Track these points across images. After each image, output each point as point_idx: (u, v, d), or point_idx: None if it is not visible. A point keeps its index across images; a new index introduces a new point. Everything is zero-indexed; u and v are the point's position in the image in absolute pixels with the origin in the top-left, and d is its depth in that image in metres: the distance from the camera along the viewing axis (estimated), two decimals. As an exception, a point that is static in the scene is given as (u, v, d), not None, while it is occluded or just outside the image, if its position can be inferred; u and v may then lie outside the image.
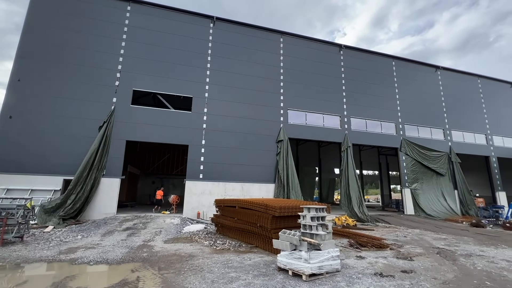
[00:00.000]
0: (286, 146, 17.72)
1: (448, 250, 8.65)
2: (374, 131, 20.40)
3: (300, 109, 18.80)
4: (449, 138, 22.22)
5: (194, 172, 15.66)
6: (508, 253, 8.24)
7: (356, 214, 16.72)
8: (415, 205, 19.66)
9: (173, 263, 6.43)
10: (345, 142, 19.11)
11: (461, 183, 21.24)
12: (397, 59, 22.37)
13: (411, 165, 20.51)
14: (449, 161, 21.64)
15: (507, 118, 24.93)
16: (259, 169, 17.06)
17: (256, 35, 18.90)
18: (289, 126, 18.19)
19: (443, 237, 11.22)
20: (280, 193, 16.85)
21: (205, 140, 16.17)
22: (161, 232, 10.67)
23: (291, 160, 17.62)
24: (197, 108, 16.44)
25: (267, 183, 17.04)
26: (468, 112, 23.61)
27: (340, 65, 20.52)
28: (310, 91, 19.27)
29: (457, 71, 24.27)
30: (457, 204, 20.83)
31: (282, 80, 18.71)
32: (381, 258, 7.40)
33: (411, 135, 21.23)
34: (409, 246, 9.13)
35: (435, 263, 6.98)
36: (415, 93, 22.22)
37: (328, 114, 19.44)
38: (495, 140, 23.79)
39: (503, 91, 25.79)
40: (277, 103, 18.27)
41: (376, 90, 21.06)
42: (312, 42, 20.31)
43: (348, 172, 18.34)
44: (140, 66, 15.93)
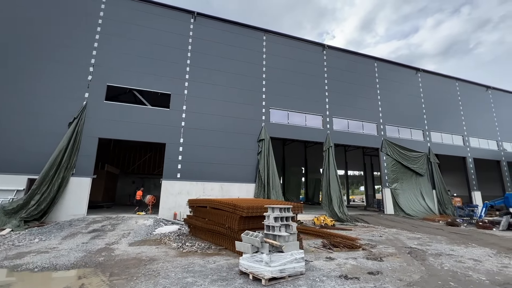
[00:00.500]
0: (267, 145, 17.46)
1: (419, 249, 8.59)
2: (356, 132, 20.48)
3: (283, 108, 18.59)
4: (428, 139, 22.64)
5: (171, 171, 15.12)
6: (477, 252, 8.26)
7: (336, 214, 16.66)
8: (395, 204, 19.87)
9: (129, 268, 5.97)
10: (327, 142, 19.07)
11: (439, 183, 21.66)
12: (379, 61, 22.59)
13: (391, 165, 20.72)
14: (428, 161, 22.04)
15: (482, 120, 25.70)
16: (240, 168, 16.71)
17: (239, 32, 18.55)
18: (271, 125, 17.94)
19: (418, 237, 11.24)
20: (260, 193, 16.56)
21: (183, 138, 15.66)
22: (130, 234, 10.12)
23: (272, 160, 17.36)
24: (175, 105, 15.90)
25: (248, 183, 16.71)
26: (446, 114, 24.16)
27: (323, 65, 20.48)
28: (292, 90, 19.10)
29: (436, 73, 24.80)
30: (435, 203, 21.22)
31: (265, 79, 18.45)
32: (351, 259, 7.22)
33: (392, 136, 21.48)
34: (382, 246, 9.03)
35: (404, 263, 6.86)
36: (396, 95, 22.50)
37: (310, 113, 19.33)
38: (471, 141, 24.47)
39: (479, 94, 26.60)
40: (259, 101, 17.98)
41: (358, 90, 21.16)
42: (295, 41, 20.17)
43: (330, 172, 18.28)
44: (115, 60, 15.23)
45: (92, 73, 14.62)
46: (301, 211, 8.38)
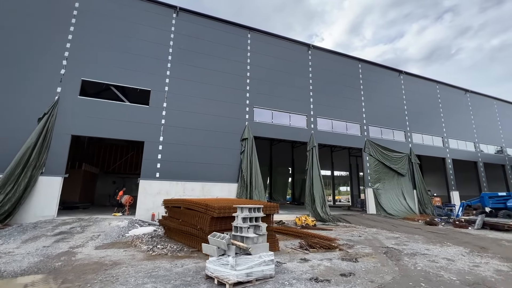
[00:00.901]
0: (250, 144, 17.17)
1: (396, 249, 8.54)
2: (340, 132, 20.54)
3: (267, 107, 18.36)
4: (409, 140, 23.05)
5: (149, 170, 14.57)
6: (451, 251, 8.29)
7: (319, 214, 16.58)
8: (377, 204, 20.06)
9: (86, 274, 5.51)
10: (311, 141, 19.00)
11: (419, 183, 22.08)
12: (363, 62, 22.80)
13: (374, 166, 20.92)
14: (409, 162, 22.42)
15: (461, 123, 26.49)
16: (222, 168, 16.33)
17: (223, 29, 18.17)
18: (254, 124, 17.67)
19: (396, 236, 11.26)
20: (243, 193, 16.25)
21: (163, 136, 15.13)
22: (99, 236, 9.56)
23: (255, 159, 17.08)
24: (155, 102, 15.35)
25: (230, 182, 16.35)
26: (427, 116, 24.71)
27: (308, 65, 20.42)
28: (277, 89, 18.92)
29: (418, 76, 25.34)
30: (415, 203, 21.60)
31: (249, 77, 18.16)
32: (326, 260, 7.03)
33: (375, 136, 21.70)
34: (360, 246, 8.93)
35: (378, 264, 6.73)
36: (379, 96, 22.78)
37: (295, 113, 19.21)
38: (451, 143, 25.14)
39: (458, 97, 27.41)
40: (242, 100, 17.67)
41: (342, 91, 21.25)
42: (280, 40, 20.01)
43: (313, 172, 18.21)
44: (91, 54, 14.51)
45: (65, 66, 13.85)
46: (276, 211, 8.13)
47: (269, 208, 7.74)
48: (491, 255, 7.86)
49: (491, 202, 17.80)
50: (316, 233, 10.13)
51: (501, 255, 7.76)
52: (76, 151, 22.72)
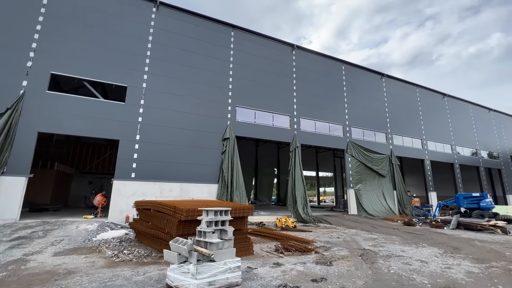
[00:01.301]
0: (232, 144, 16.78)
1: (372, 251, 8.42)
2: (323, 133, 20.54)
3: (249, 106, 18.03)
4: (390, 141, 23.44)
5: (124, 170, 13.85)
6: (425, 252, 8.27)
7: (300, 215, 16.42)
8: (358, 205, 20.20)
9: (32, 285, 4.93)
10: (294, 142, 18.85)
11: (399, 184, 22.47)
12: (347, 64, 22.97)
13: (356, 167, 21.08)
14: (390, 163, 22.79)
15: (439, 125, 27.31)
16: (202, 168, 15.83)
17: (205, 26, 17.69)
18: (236, 124, 17.29)
19: (374, 237, 11.23)
20: (223, 194, 15.82)
21: (140, 135, 14.45)
22: (62, 241, 8.85)
23: (237, 160, 16.70)
24: (132, 99, 14.64)
25: (210, 183, 15.88)
26: (407, 118, 25.26)
27: (292, 65, 20.29)
28: (260, 89, 18.64)
29: (399, 79, 25.88)
30: (395, 203, 21.96)
31: (231, 76, 17.77)
32: (300, 264, 6.76)
33: (357, 138, 21.89)
34: (337, 249, 8.75)
35: (352, 267, 6.54)
36: (362, 98, 23.02)
37: (278, 113, 19.00)
38: (429, 145, 25.83)
39: (437, 101, 28.26)
40: (224, 99, 17.25)
41: (325, 92, 21.28)
42: (265, 39, 19.75)
43: (295, 173, 18.06)
44: (62, 46, 13.63)
45: (32, 59, 12.91)
46: (251, 213, 7.80)
47: (243, 210, 7.39)
48: (463, 255, 7.88)
49: (466, 203, 18.33)
50: (294, 235, 9.89)
51: (472, 256, 7.80)
52: (48, 149, 21.48)
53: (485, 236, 11.99)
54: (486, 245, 9.59)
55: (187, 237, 5.11)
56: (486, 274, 6.05)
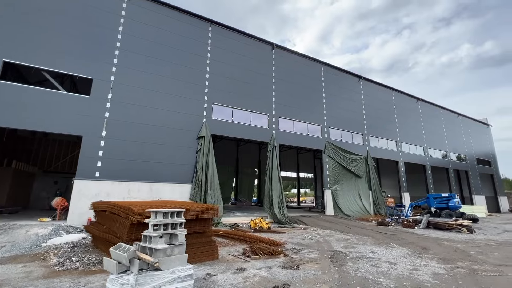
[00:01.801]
0: (207, 143, 16.12)
1: (343, 253, 8.17)
2: (301, 133, 20.40)
3: (227, 104, 17.47)
4: (367, 143, 23.81)
5: (87, 169, 12.77)
6: (395, 253, 8.14)
7: (276, 216, 16.08)
8: (335, 205, 20.24)
9: None
10: (272, 141, 18.51)
11: (374, 184, 22.84)
12: (326, 65, 23.07)
13: (333, 167, 21.14)
14: (366, 164, 23.12)
15: (412, 128, 28.24)
16: (175, 167, 15.03)
17: (182, 20, 16.92)
18: (213, 122, 16.65)
19: (347, 238, 11.07)
20: (197, 194, 15.11)
21: (106, 131, 13.41)
22: (3, 248, 7.80)
23: (212, 159, 16.07)
24: (98, 92, 13.57)
25: (183, 183, 15.11)
26: (383, 121, 25.84)
27: (271, 64, 19.99)
28: (238, 87, 18.13)
29: (376, 82, 26.43)
30: (370, 204, 22.28)
31: (208, 72, 17.12)
32: (265, 269, 6.32)
33: (335, 139, 21.99)
34: (307, 251, 8.42)
35: (319, 271, 6.19)
36: (340, 99, 23.21)
37: (256, 112, 18.58)
38: (403, 147, 26.59)
39: (411, 104, 29.23)
40: (200, 96, 16.56)
41: (304, 92, 21.19)
42: (244, 36, 19.29)
43: (272, 173, 17.71)
44: (18, 32, 12.34)
45: (-19, 44, 11.55)
46: (215, 214, 7.27)
47: (207, 212, 6.84)
48: (430, 256, 7.83)
49: (436, 203, 18.92)
50: (265, 237, 9.46)
51: (439, 256, 7.76)
52: (5, 146, 19.60)
53: (452, 235, 12.25)
54: (453, 244, 9.70)
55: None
56: (451, 275, 5.93)
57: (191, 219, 6.58)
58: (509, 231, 14.21)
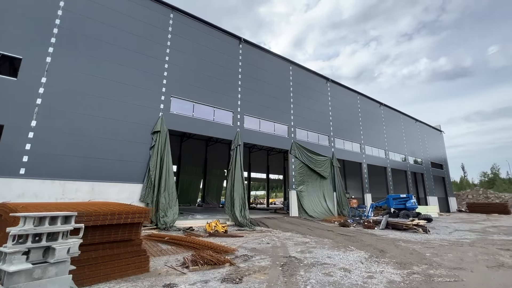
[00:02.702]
0: (164, 139, 14.58)
1: (297, 259, 7.35)
2: (267, 132, 19.65)
3: (187, 98, 16.07)
4: (332, 144, 23.86)
5: (9, 164, 10.58)
6: (352, 258, 7.52)
7: (237, 218, 15.02)
8: (300, 206, 19.76)
9: None
10: (236, 140, 17.46)
11: (339, 185, 22.89)
12: (295, 65, 22.71)
13: (299, 168, 20.70)
14: (331, 165, 23.10)
15: (375, 132, 29.13)
16: (124, 165, 13.28)
17: (139, 3, 15.22)
18: (171, 116, 15.15)
19: (306, 241, 10.36)
20: (148, 195, 13.50)
21: (37, 121, 11.31)
22: None
23: (168, 156, 14.55)
24: (29, 75, 11.43)
25: (133, 182, 13.40)
26: (348, 123, 26.22)
27: (238, 59, 19.00)
28: (201, 80, 16.84)
29: (342, 85, 26.79)
30: (334, 205, 22.24)
31: (168, 62, 15.61)
32: (201, 283, 5.20)
33: (302, 139, 21.62)
34: (259, 258, 7.46)
35: (265, 284, 5.24)
36: (307, 100, 22.97)
37: (220, 108, 17.42)
38: (367, 149, 27.24)
39: (374, 109, 30.21)
40: (158, 87, 14.99)
41: (272, 91, 20.53)
42: (210, 28, 18.06)
43: (235, 173, 16.64)
44: None
45: None
46: (145, 218, 6.00)
47: (132, 215, 5.54)
48: (387, 259, 7.33)
49: (395, 203, 19.29)
50: (214, 243, 8.33)
51: (396, 260, 7.29)
52: None
53: (409, 236, 12.21)
54: (409, 246, 9.44)
55: None
56: (407, 283, 5.34)
57: (115, 224, 5.28)
58: (459, 230, 14.73)
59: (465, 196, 44.63)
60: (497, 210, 31.54)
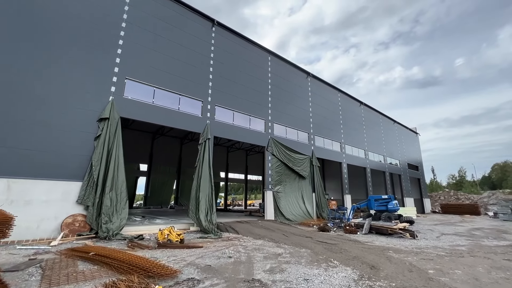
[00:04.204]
0: (114, 128, 11.87)
1: (262, 284, 5.17)
2: (242, 126, 17.46)
3: (147, 82, 13.47)
4: (312, 142, 22.17)
5: None
6: (336, 281, 5.46)
7: (201, 223, 12.61)
8: (276, 208, 17.70)
9: None
10: (205, 133, 15.06)
11: (318, 186, 21.19)
12: (273, 55, 20.79)
13: (276, 166, 18.69)
14: (311, 164, 21.38)
15: (355, 131, 28.00)
16: (58, 158, 10.43)
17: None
18: (124, 102, 12.48)
19: (279, 252, 8.24)
20: (90, 196, 10.73)
21: None
22: None
23: (118, 149, 11.85)
24: None
25: (70, 180, 10.58)
26: (329, 121, 24.74)
27: (210, 43, 16.67)
28: (165, 62, 14.31)
29: (323, 81, 25.32)
30: (313, 207, 20.47)
31: (123, 37, 12.94)
32: None
33: (280, 135, 19.67)
34: (208, 284, 5.19)
35: None
36: (286, 94, 21.12)
37: (187, 96, 14.96)
38: (347, 148, 25.93)
39: (354, 108, 29.14)
40: (109, 66, 12.27)
41: (248, 81, 18.39)
42: (178, 5, 15.58)
43: (202, 170, 14.22)
44: None
45: None
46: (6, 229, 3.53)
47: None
48: (384, 284, 5.36)
49: (376, 205, 17.88)
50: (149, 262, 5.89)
51: (396, 284, 5.34)
52: None
53: (396, 242, 10.54)
54: (403, 258, 7.63)
55: None
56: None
57: None
58: (445, 234, 13.40)
59: (437, 197, 45.30)
60: (469, 211, 31.70)
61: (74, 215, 10.44)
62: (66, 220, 10.21)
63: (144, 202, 34.06)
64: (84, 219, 10.57)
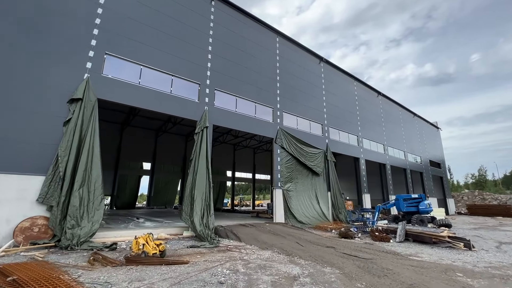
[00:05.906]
0: (89, 112, 9.61)
1: None
2: (247, 114, 14.94)
3: (132, 59, 11.17)
4: (326, 134, 19.37)
5: None
6: None
7: (196, 227, 10.13)
8: (286, 209, 15.02)
9: None
10: (203, 120, 12.62)
11: (334, 184, 18.37)
12: (282, 36, 18.17)
13: (286, 161, 16.02)
14: (325, 159, 18.59)
15: (373, 124, 24.94)
16: (16, 146, 8.24)
17: None
18: (103, 81, 10.22)
19: (294, 273, 5.63)
20: (54, 193, 8.45)
21: None
22: None
23: (94, 137, 9.55)
24: None
25: (30, 173, 8.34)
26: (344, 111, 21.86)
27: (209, 18, 14.27)
28: (155, 36, 12.00)
29: (338, 68, 22.48)
30: (329, 207, 17.65)
31: (102, 5, 10.71)
32: None
33: (290, 126, 17.01)
34: None
35: None
36: (297, 80, 18.44)
37: (181, 77, 12.58)
38: (364, 142, 22.95)
39: (372, 98, 26.06)
40: (85, 38, 10.05)
41: (253, 63, 15.86)
42: (170, -26, 13.26)
43: (198, 164, 11.74)
44: None
45: None
46: None
47: None
48: None
49: (406, 205, 14.93)
50: None
51: None
52: None
53: (452, 256, 7.70)
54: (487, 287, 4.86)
55: None
56: None
57: None
58: (506, 244, 10.36)
59: (460, 197, 41.28)
60: (500, 213, 27.99)
61: (33, 218, 8.18)
62: (21, 224, 7.95)
63: (147, 202, 32.02)
64: (46, 222, 8.29)
